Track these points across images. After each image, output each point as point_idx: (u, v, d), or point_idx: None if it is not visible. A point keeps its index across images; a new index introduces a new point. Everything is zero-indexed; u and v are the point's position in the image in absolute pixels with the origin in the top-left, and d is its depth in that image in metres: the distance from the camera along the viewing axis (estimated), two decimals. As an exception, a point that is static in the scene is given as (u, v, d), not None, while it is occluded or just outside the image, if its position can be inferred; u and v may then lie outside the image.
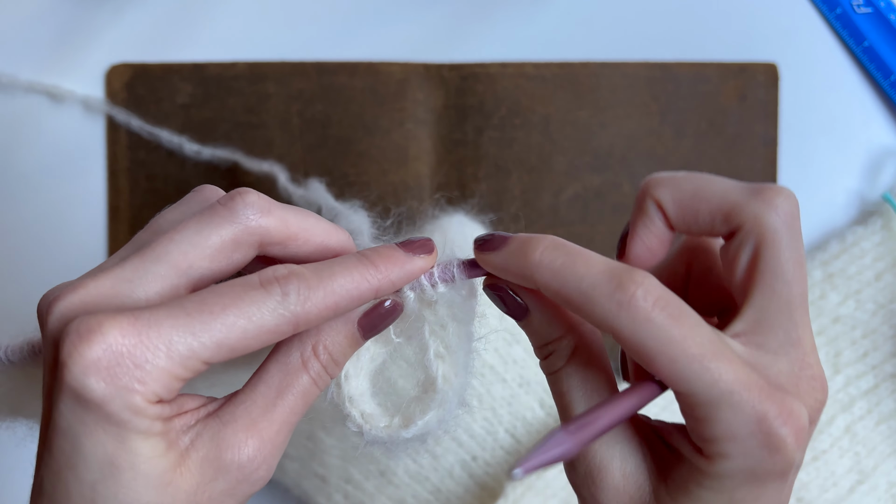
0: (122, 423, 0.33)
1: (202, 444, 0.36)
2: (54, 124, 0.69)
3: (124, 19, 0.70)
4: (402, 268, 0.38)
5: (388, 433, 0.40)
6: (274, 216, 0.38)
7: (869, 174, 0.68)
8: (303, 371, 0.38)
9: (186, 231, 0.37)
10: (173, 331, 0.34)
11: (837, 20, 0.67)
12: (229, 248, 0.37)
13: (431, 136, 0.68)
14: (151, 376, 0.33)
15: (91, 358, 0.33)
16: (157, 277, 0.36)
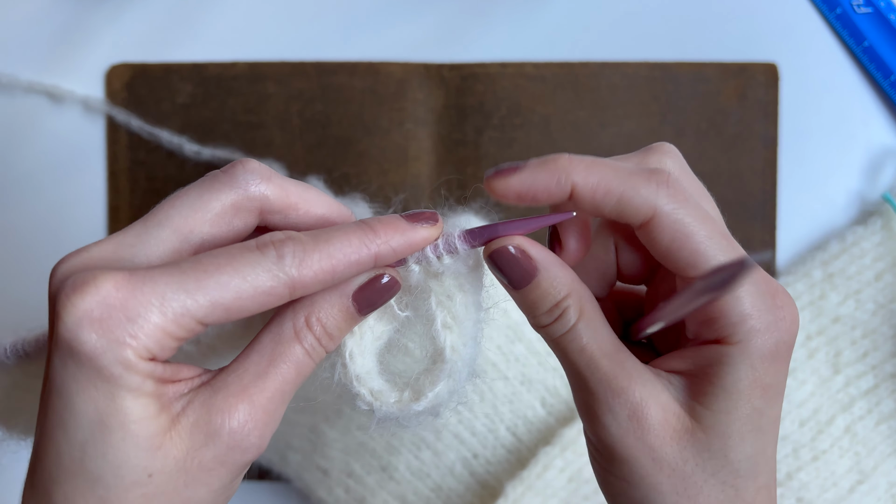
0: (113, 378, 0.33)
1: (193, 409, 0.36)
2: (54, 124, 0.69)
3: (124, 19, 0.70)
4: (404, 235, 0.38)
5: (399, 408, 0.40)
6: (274, 184, 0.39)
7: (869, 174, 0.68)
8: (295, 341, 0.38)
9: (187, 197, 0.38)
10: (167, 287, 0.34)
11: (837, 20, 0.67)
12: (229, 213, 0.38)
13: (431, 136, 0.68)
14: (143, 331, 0.33)
15: (83, 308, 0.33)
16: (158, 241, 0.37)
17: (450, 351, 0.40)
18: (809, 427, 0.64)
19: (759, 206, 0.67)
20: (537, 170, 0.37)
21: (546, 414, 0.65)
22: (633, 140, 0.67)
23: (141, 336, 0.33)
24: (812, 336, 0.65)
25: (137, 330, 0.33)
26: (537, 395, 0.65)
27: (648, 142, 0.66)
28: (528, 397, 0.65)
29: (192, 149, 0.67)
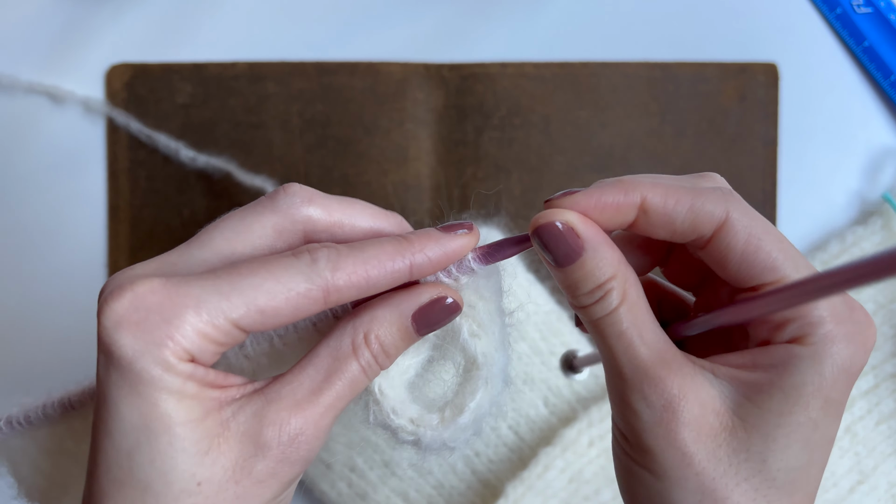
0: (153, 380, 0.34)
1: (244, 418, 0.36)
2: (54, 125, 0.69)
3: (124, 19, 0.70)
4: (439, 243, 0.38)
5: (444, 428, 0.39)
6: (316, 204, 0.39)
7: (869, 174, 0.68)
8: (353, 358, 0.37)
9: (230, 220, 0.39)
10: (202, 290, 0.34)
11: (837, 20, 0.67)
12: (272, 237, 0.38)
13: (431, 136, 0.68)
14: (180, 331, 0.34)
15: (120, 312, 0.34)
16: (200, 262, 0.37)
17: (482, 357, 0.39)
18: (809, 427, 0.64)
19: (759, 206, 0.67)
20: (605, 186, 0.37)
21: (548, 413, 0.65)
22: (634, 140, 0.67)
23: (177, 336, 0.34)
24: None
25: (174, 331, 0.34)
26: (540, 395, 0.65)
27: (649, 142, 0.67)
28: (531, 396, 0.65)
29: (188, 155, 0.67)
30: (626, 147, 0.67)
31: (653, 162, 0.67)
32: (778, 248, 0.36)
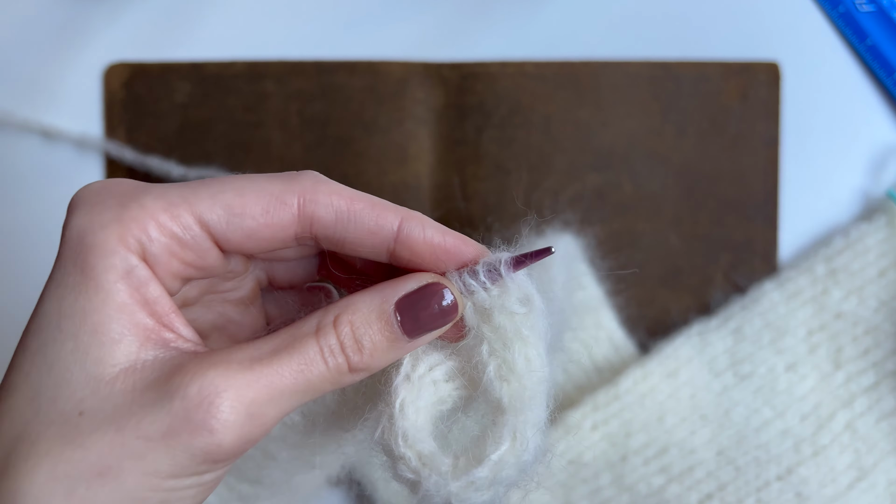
0: (86, 265, 0.31)
1: (159, 367, 0.31)
2: (48, 162, 0.69)
3: (123, 18, 0.69)
4: (441, 229, 0.35)
5: (453, 477, 0.33)
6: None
7: (872, 172, 0.68)
8: (312, 338, 0.32)
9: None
10: (171, 186, 0.32)
11: (840, 18, 0.67)
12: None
13: (431, 136, 0.68)
14: (130, 212, 0.31)
15: (82, 195, 0.32)
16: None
17: (507, 401, 0.33)
18: (810, 422, 0.64)
19: (762, 206, 0.67)
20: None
21: (564, 380, 0.65)
22: (635, 139, 0.67)
23: (126, 217, 0.31)
24: (814, 331, 0.65)
25: (126, 212, 0.31)
26: (559, 363, 0.65)
27: (650, 141, 0.66)
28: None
29: (179, 172, 0.67)
30: (627, 146, 0.67)
31: (654, 161, 0.67)
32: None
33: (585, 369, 0.66)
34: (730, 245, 0.67)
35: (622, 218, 0.67)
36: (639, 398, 0.64)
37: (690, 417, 0.64)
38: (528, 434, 0.33)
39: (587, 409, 0.64)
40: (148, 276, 0.31)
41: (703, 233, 0.67)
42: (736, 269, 0.67)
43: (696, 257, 0.67)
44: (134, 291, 0.31)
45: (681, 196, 0.67)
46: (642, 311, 0.67)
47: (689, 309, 0.67)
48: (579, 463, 0.63)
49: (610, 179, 0.67)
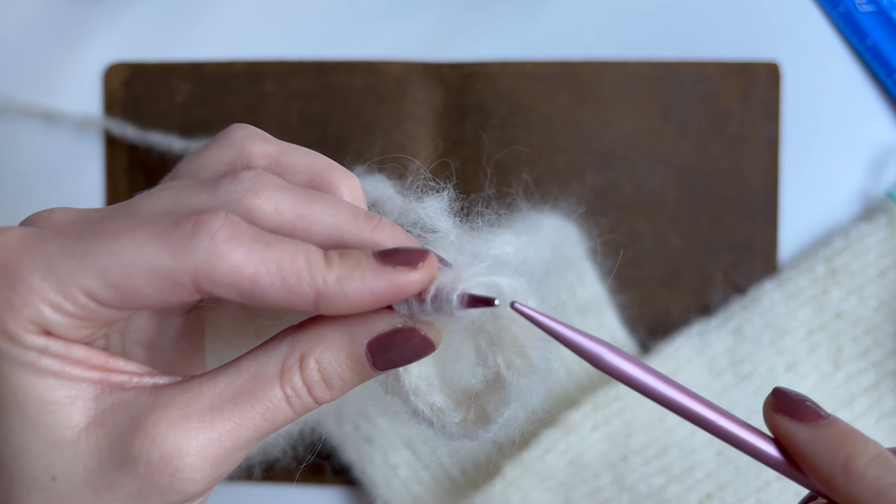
0: (2, 353, 0.29)
1: (123, 416, 0.30)
2: (49, 143, 0.69)
3: (122, 18, 0.69)
4: (366, 275, 0.30)
5: (464, 429, 0.34)
6: (266, 142, 0.35)
7: (872, 172, 0.68)
8: (276, 382, 0.31)
9: (190, 159, 0.35)
10: (58, 250, 0.29)
11: (840, 18, 0.67)
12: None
13: (431, 136, 0.68)
14: (22, 298, 0.29)
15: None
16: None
17: (506, 371, 0.33)
18: (811, 422, 0.64)
19: (762, 206, 0.67)
20: (823, 445, 0.31)
21: (566, 379, 0.65)
22: (635, 139, 0.67)
23: (19, 304, 0.29)
24: (814, 331, 0.65)
25: (16, 297, 0.29)
26: (562, 363, 0.65)
27: (650, 141, 0.66)
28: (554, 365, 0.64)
29: (181, 145, 0.67)
30: (627, 146, 0.67)
31: (654, 161, 0.67)
32: None
33: (587, 369, 0.66)
34: (730, 245, 0.67)
35: (622, 218, 0.67)
36: (639, 398, 0.64)
37: (691, 417, 0.64)
38: (533, 392, 0.33)
39: (588, 409, 0.64)
40: (64, 346, 0.30)
41: (703, 233, 0.67)
42: (736, 269, 0.67)
43: (696, 257, 0.67)
44: (60, 361, 0.30)
45: (681, 196, 0.67)
46: (643, 311, 0.67)
47: (689, 309, 0.67)
48: (580, 463, 0.63)
49: (610, 179, 0.67)
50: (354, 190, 0.36)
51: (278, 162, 0.35)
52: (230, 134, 0.36)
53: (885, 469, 0.30)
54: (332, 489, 0.68)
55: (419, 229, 0.36)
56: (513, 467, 0.63)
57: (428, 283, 0.31)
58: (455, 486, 0.66)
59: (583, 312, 0.65)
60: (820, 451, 0.31)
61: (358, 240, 0.32)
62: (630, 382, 0.32)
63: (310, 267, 0.29)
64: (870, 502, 0.30)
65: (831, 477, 0.31)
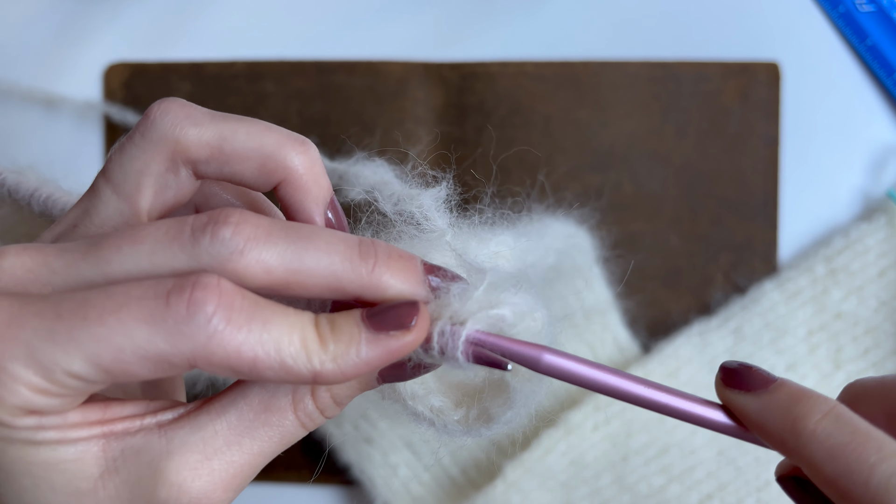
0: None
1: (138, 463, 0.30)
2: (50, 129, 0.69)
3: (122, 18, 0.69)
4: (360, 349, 0.29)
5: (464, 427, 0.34)
6: (196, 124, 0.32)
7: (872, 172, 0.68)
8: (289, 410, 0.31)
9: (113, 163, 0.33)
10: (35, 334, 0.28)
11: (840, 18, 0.67)
12: (162, 174, 0.32)
13: (431, 136, 0.68)
14: (6, 388, 0.28)
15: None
16: (97, 227, 0.33)
17: (511, 377, 0.33)
18: (811, 422, 0.64)
19: (761, 206, 0.67)
20: (772, 411, 0.31)
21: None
22: (635, 139, 0.67)
23: (3, 394, 0.28)
24: (814, 331, 0.65)
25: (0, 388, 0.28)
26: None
27: (650, 141, 0.66)
28: None
29: None
30: (626, 146, 0.67)
31: (654, 161, 0.67)
32: None
33: None
34: (730, 245, 0.67)
35: (622, 218, 0.67)
36: (639, 398, 0.64)
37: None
38: (536, 394, 0.33)
39: (589, 409, 0.64)
40: (57, 418, 0.30)
41: (703, 233, 0.67)
42: (736, 269, 0.67)
43: (696, 257, 0.67)
44: (57, 431, 0.29)
45: (681, 196, 0.67)
46: (643, 311, 0.67)
47: (690, 309, 0.67)
48: (580, 463, 0.63)
49: (610, 179, 0.67)
50: (312, 165, 0.34)
51: (221, 151, 0.32)
52: (155, 122, 0.33)
53: (835, 427, 0.29)
54: (332, 489, 0.68)
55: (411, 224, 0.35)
56: (514, 468, 0.63)
57: (422, 338, 0.30)
58: (455, 486, 0.66)
59: (588, 315, 0.66)
60: (771, 418, 0.31)
61: (357, 287, 0.30)
62: (572, 379, 0.31)
63: (306, 349, 0.29)
64: (823, 462, 0.29)
65: (784, 441, 0.30)
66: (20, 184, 0.41)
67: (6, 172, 0.41)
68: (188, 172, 0.33)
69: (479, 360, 0.31)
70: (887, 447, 0.28)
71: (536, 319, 0.32)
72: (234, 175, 0.33)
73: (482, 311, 0.31)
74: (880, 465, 0.27)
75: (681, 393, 0.32)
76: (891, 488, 0.27)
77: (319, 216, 0.34)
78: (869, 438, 0.28)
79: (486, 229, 0.37)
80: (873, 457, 0.28)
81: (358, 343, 0.29)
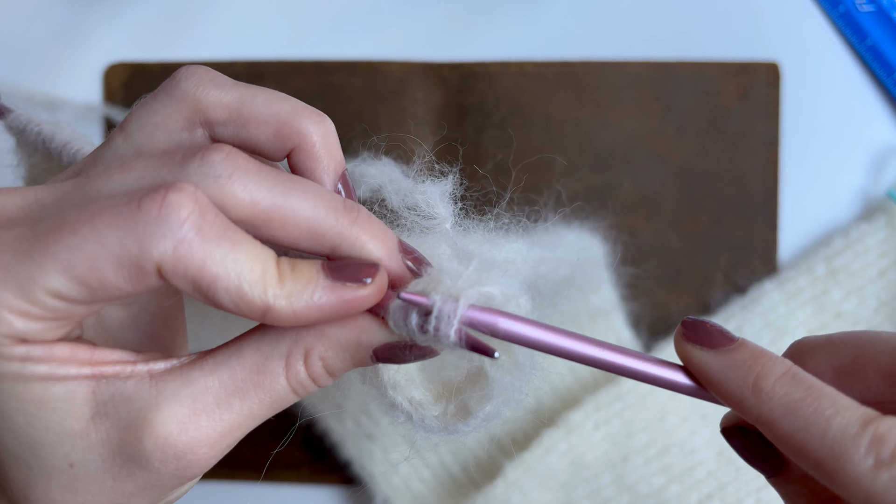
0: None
1: (126, 409, 0.30)
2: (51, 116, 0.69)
3: (122, 18, 0.69)
4: (318, 291, 0.30)
5: (443, 423, 0.34)
6: (218, 87, 0.33)
7: (872, 172, 0.68)
8: (282, 375, 0.31)
9: (134, 117, 0.33)
10: (13, 256, 0.28)
11: (840, 18, 0.67)
12: (182, 133, 0.33)
13: (431, 136, 0.68)
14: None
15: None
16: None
17: (490, 367, 0.32)
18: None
19: (761, 206, 0.67)
20: (732, 369, 0.31)
21: (572, 381, 0.65)
22: (635, 139, 0.67)
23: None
24: (814, 331, 0.65)
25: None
26: (567, 363, 0.64)
27: (650, 141, 0.66)
28: (557, 363, 0.64)
29: None
30: (627, 146, 0.67)
31: (654, 161, 0.67)
32: None
33: (589, 369, 0.66)
34: (730, 245, 0.67)
35: (622, 218, 0.67)
36: (640, 398, 0.64)
37: (691, 417, 0.64)
38: (516, 386, 0.33)
39: (589, 408, 0.64)
40: (45, 349, 0.30)
41: (703, 233, 0.67)
42: (736, 269, 0.67)
43: (696, 257, 0.67)
44: (46, 364, 0.30)
45: (681, 196, 0.67)
46: (643, 311, 0.67)
47: (690, 309, 0.67)
48: (581, 463, 0.63)
49: (610, 179, 0.67)
50: (326, 135, 0.35)
51: (239, 114, 0.33)
52: (180, 83, 0.34)
53: (792, 384, 0.30)
54: (333, 489, 0.68)
55: (416, 215, 0.35)
56: (514, 468, 0.63)
57: (377, 298, 0.31)
58: (455, 483, 0.66)
59: (593, 316, 0.66)
60: (731, 376, 0.31)
61: (337, 234, 0.31)
62: (530, 343, 0.31)
63: (263, 281, 0.29)
64: (781, 418, 0.30)
65: (743, 399, 0.31)
66: (55, 135, 0.42)
67: (43, 124, 0.42)
68: (204, 134, 0.33)
69: (470, 344, 0.31)
70: (840, 401, 0.29)
71: (521, 306, 0.32)
72: (249, 139, 0.33)
73: (473, 287, 0.31)
74: (835, 417, 0.29)
75: (640, 354, 0.33)
76: (846, 438, 0.28)
77: (329, 186, 0.34)
78: (823, 394, 0.29)
79: (501, 235, 0.37)
80: (828, 410, 0.29)
81: (314, 286, 0.30)
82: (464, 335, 0.31)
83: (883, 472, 0.27)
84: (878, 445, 0.28)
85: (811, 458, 0.29)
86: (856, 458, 0.28)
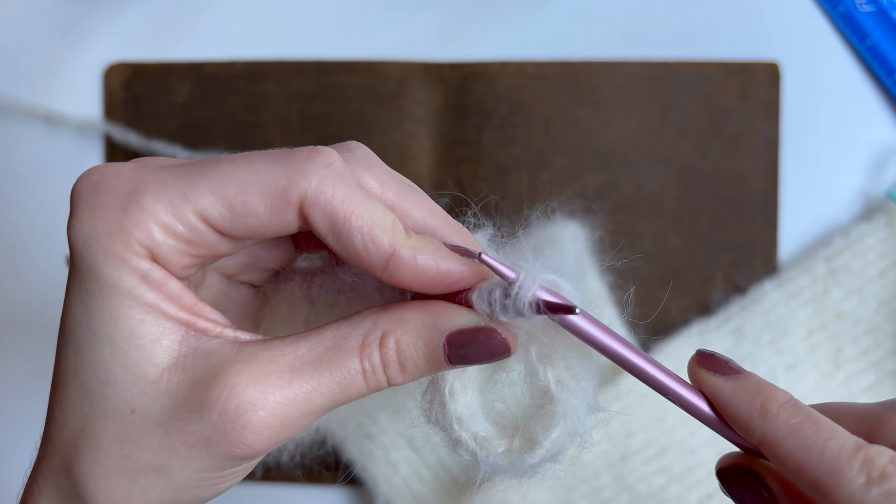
0: (100, 277, 0.31)
1: (204, 363, 0.32)
2: (50, 146, 0.69)
3: (122, 18, 0.69)
4: (438, 256, 0.32)
5: (509, 459, 0.34)
6: (371, 174, 0.34)
7: (872, 172, 0.68)
8: (356, 354, 0.32)
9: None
10: (169, 175, 0.31)
11: (840, 18, 0.67)
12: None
13: (431, 136, 0.68)
14: (133, 218, 0.30)
15: (82, 193, 0.31)
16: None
17: (555, 386, 0.33)
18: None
19: (762, 206, 0.67)
20: (742, 394, 0.34)
21: None
22: (635, 139, 0.67)
23: (130, 224, 0.30)
24: (814, 331, 0.65)
25: (127, 218, 0.30)
26: None
27: (650, 141, 0.66)
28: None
29: (185, 156, 0.67)
30: (627, 146, 0.67)
31: (654, 161, 0.67)
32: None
33: None
34: (730, 245, 0.67)
35: (622, 218, 0.67)
36: (639, 398, 0.64)
37: (690, 417, 0.64)
38: (580, 409, 0.34)
39: (588, 408, 0.64)
40: (164, 276, 0.32)
41: (703, 233, 0.67)
42: (736, 269, 0.67)
43: (696, 257, 0.67)
44: (156, 293, 0.31)
45: (681, 196, 0.67)
46: (643, 311, 0.67)
47: (689, 309, 0.67)
48: (580, 463, 0.63)
49: (610, 179, 0.67)
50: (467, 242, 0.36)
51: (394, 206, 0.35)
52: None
53: (794, 410, 0.33)
54: (333, 489, 0.68)
55: None
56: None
57: (477, 280, 0.33)
58: (455, 483, 0.66)
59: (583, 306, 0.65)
60: (740, 399, 0.34)
61: (440, 237, 0.34)
62: (590, 337, 0.34)
63: (394, 229, 0.31)
64: (784, 439, 0.33)
65: (750, 420, 0.34)
66: None
67: None
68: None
69: (549, 306, 0.32)
70: (835, 428, 0.33)
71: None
72: None
73: (543, 274, 0.33)
74: (832, 440, 0.32)
75: (671, 373, 0.36)
76: (842, 457, 0.31)
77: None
78: (821, 421, 0.33)
79: (527, 252, 0.38)
80: (826, 434, 0.32)
81: (437, 247, 0.32)
82: (543, 304, 0.32)
83: (873, 489, 0.31)
84: (869, 466, 0.31)
85: (809, 474, 0.32)
86: (850, 475, 0.31)
